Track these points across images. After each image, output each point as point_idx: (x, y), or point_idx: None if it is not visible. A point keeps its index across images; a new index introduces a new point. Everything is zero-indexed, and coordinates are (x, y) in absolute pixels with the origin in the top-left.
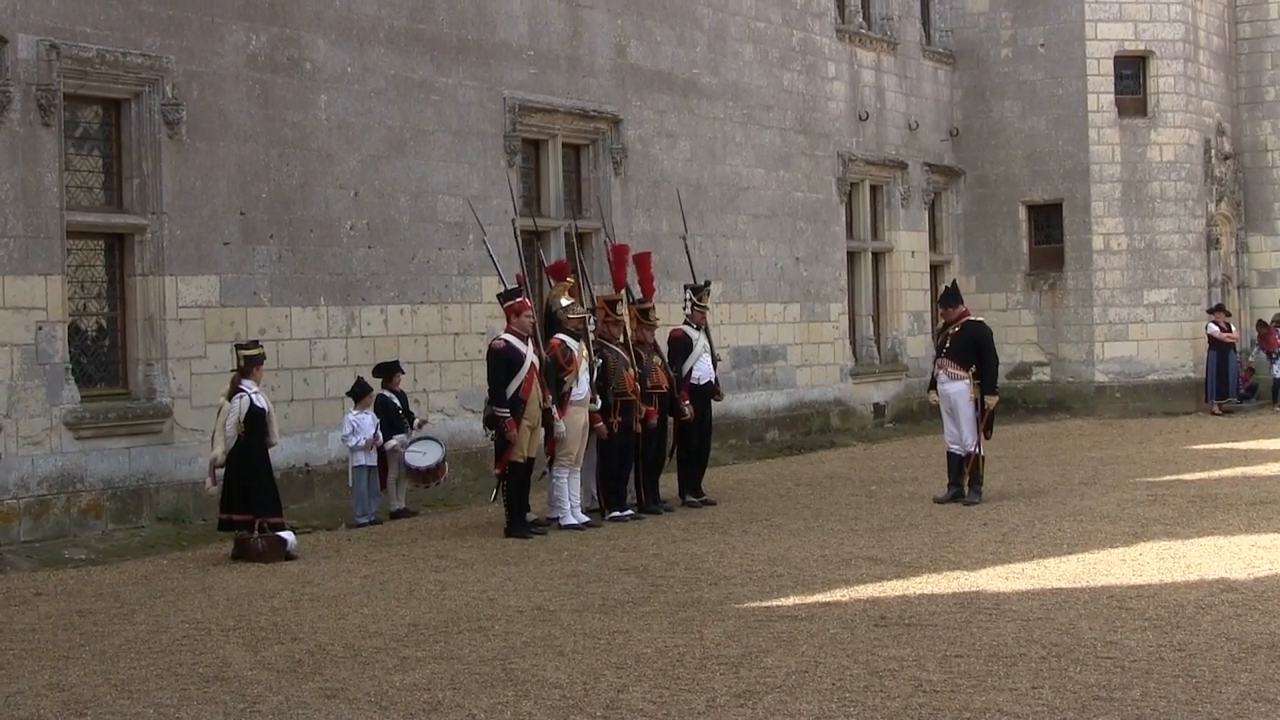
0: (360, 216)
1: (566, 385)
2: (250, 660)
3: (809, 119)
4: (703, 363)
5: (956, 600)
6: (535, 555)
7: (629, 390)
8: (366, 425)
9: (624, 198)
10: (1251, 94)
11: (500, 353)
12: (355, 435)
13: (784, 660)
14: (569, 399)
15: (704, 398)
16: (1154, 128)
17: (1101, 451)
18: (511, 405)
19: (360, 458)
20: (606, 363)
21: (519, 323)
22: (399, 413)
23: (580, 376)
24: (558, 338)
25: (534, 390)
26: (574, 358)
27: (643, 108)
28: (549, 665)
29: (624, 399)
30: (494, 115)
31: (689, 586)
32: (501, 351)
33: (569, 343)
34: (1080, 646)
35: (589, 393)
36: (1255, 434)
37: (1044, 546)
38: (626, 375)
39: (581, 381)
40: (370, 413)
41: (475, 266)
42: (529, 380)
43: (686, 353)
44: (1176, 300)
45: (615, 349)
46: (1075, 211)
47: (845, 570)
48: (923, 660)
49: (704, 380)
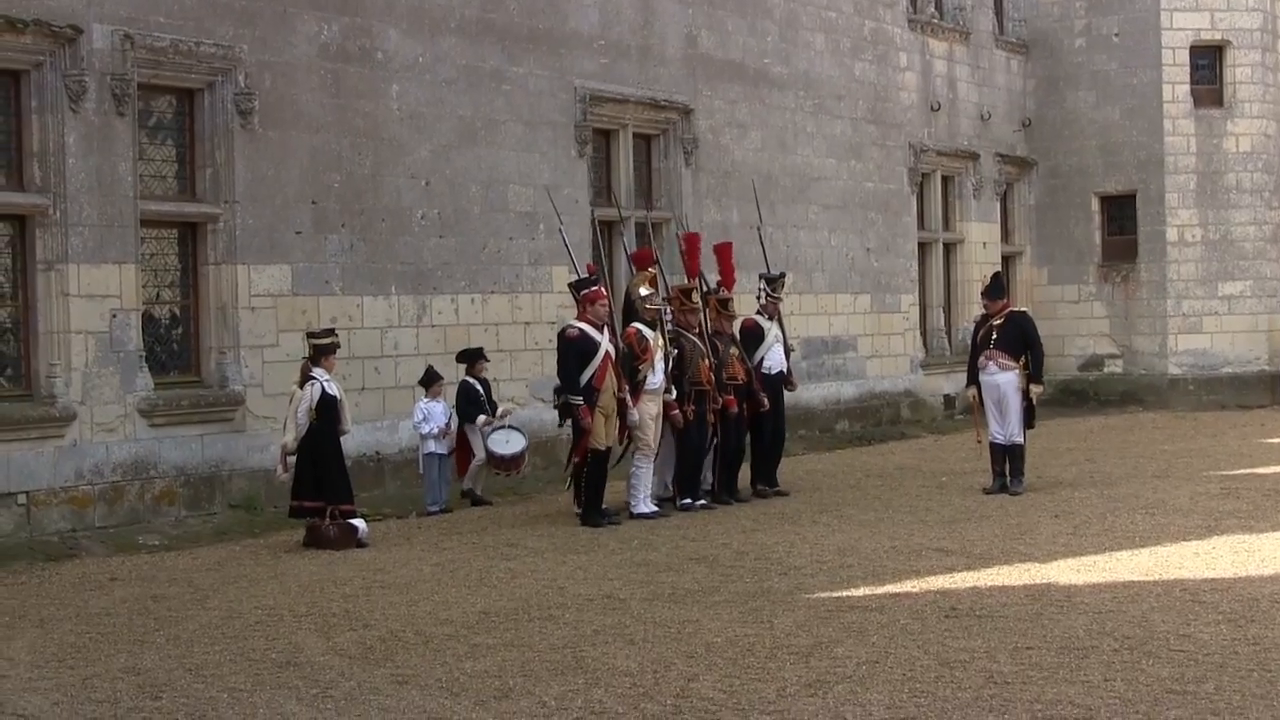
0: (431, 206)
1: (641, 374)
2: (322, 646)
3: (880, 109)
4: (774, 352)
5: (1028, 592)
6: (605, 544)
7: (704, 380)
8: (438, 413)
9: (694, 188)
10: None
11: (574, 341)
12: (427, 423)
13: (854, 650)
14: (643, 388)
15: (776, 388)
16: (1230, 118)
17: (1174, 444)
18: (585, 394)
19: (431, 445)
20: (683, 352)
21: (594, 311)
22: (480, 399)
23: (655, 365)
24: (634, 326)
25: (608, 379)
26: (649, 347)
27: (713, 98)
28: (619, 653)
29: (698, 388)
30: (565, 105)
31: (759, 576)
32: (575, 340)
33: (644, 332)
34: (1153, 639)
35: (663, 382)
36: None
37: (1116, 539)
38: (701, 365)
39: (656, 371)
40: (442, 401)
41: (546, 256)
42: (603, 369)
43: (758, 342)
44: (1251, 292)
45: (691, 338)
46: (1149, 203)
47: (916, 561)
48: (994, 652)
49: (776, 370)
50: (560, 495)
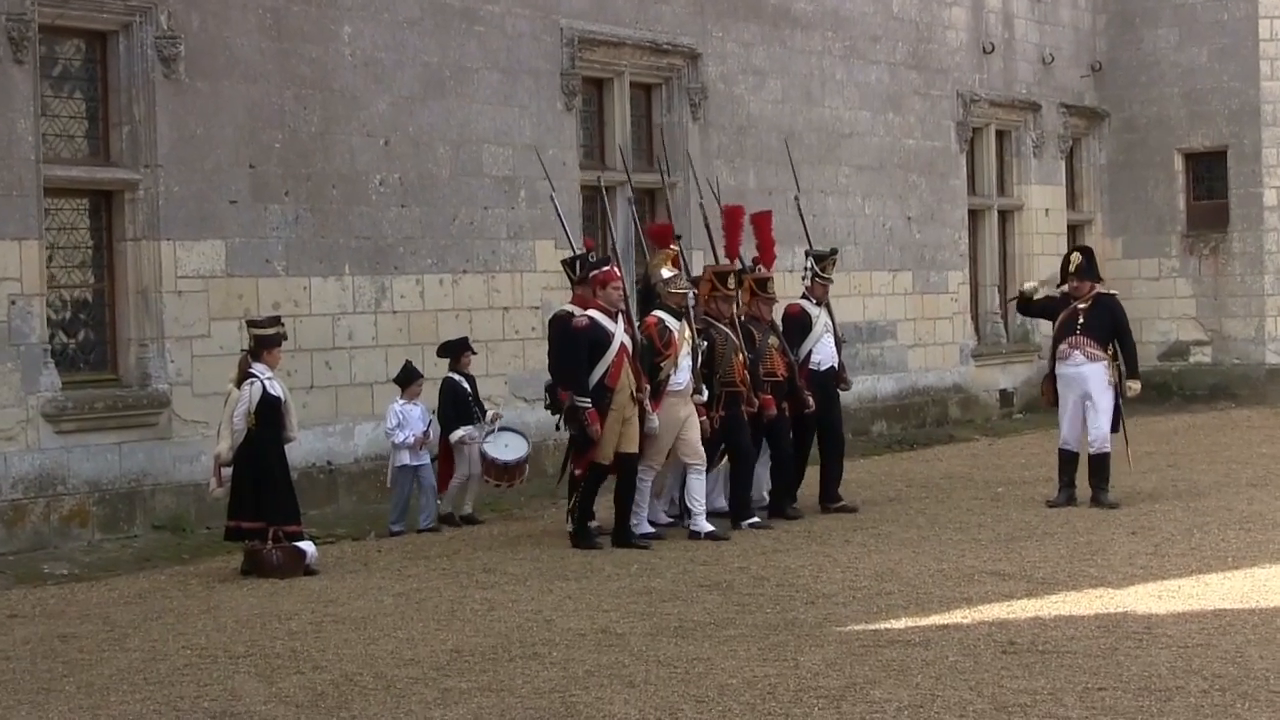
0: (391, 170)
1: (663, 372)
2: (264, 693)
3: (923, 52)
4: (824, 344)
5: (1099, 623)
6: (600, 569)
7: (737, 379)
8: (415, 418)
9: (703, 147)
10: None
11: (583, 331)
12: (402, 430)
13: (894, 693)
14: (665, 388)
15: (826, 386)
16: None
17: (1274, 447)
18: (596, 394)
19: (404, 456)
20: (713, 345)
21: (606, 296)
22: (468, 400)
23: (680, 362)
24: (655, 315)
25: (623, 377)
26: (673, 339)
27: (725, 40)
28: (617, 698)
29: (731, 389)
30: (549, 50)
31: (781, 606)
32: (584, 330)
33: (668, 321)
34: (1249, 679)
35: (690, 381)
36: None
37: (1204, 560)
38: (735, 361)
39: (681, 368)
40: (420, 404)
41: (528, 229)
42: (618, 365)
43: (805, 332)
44: None
45: (723, 329)
46: (1242, 161)
47: (967, 587)
48: (1059, 694)
49: (825, 365)
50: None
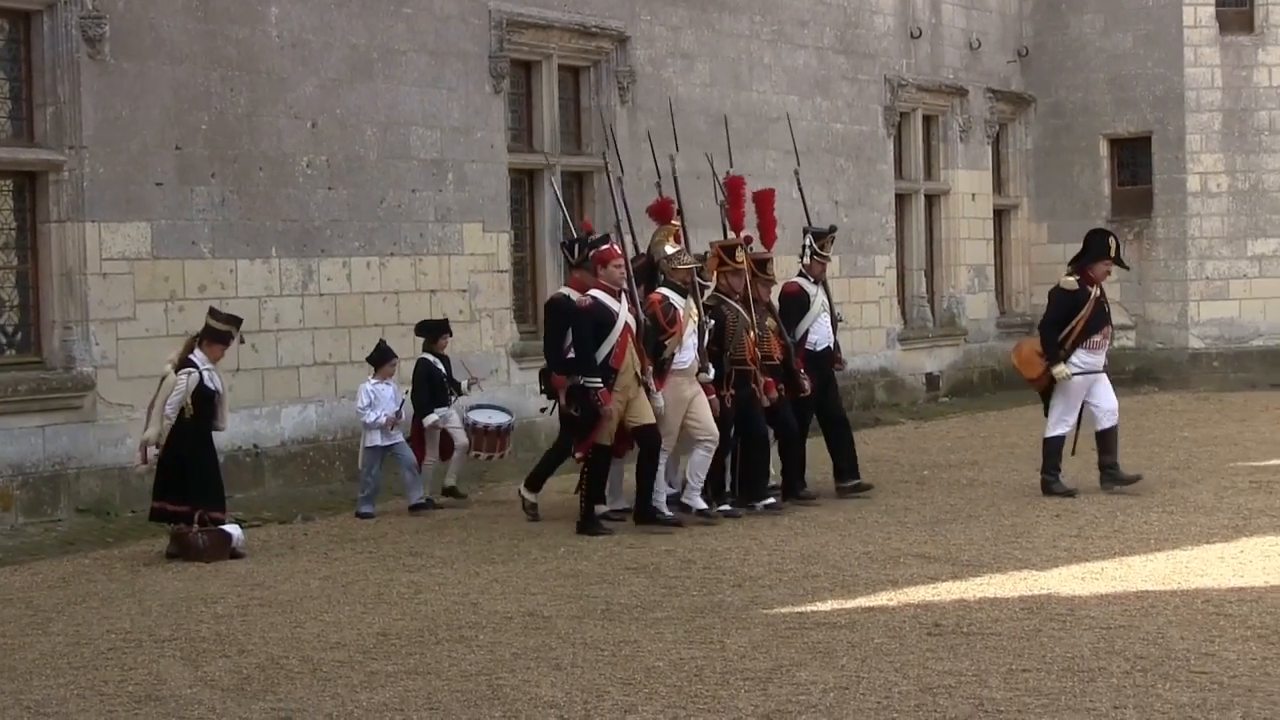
0: (319, 152)
1: (668, 350)
2: (189, 677)
3: (851, 37)
4: (821, 324)
5: (1024, 605)
6: (527, 552)
7: (748, 357)
8: (387, 398)
9: (631, 130)
10: None
11: (587, 311)
12: (373, 409)
13: (820, 675)
14: (670, 367)
15: (823, 367)
16: (1262, 46)
17: (1196, 431)
18: (600, 375)
19: (375, 437)
20: (724, 323)
21: (608, 274)
22: (443, 381)
23: (685, 340)
24: (659, 292)
25: (628, 356)
26: (678, 317)
27: (654, 23)
28: (543, 681)
29: (742, 368)
30: (478, 32)
31: (708, 589)
32: (589, 309)
33: (673, 299)
34: (1170, 659)
35: (695, 360)
36: None
37: (1127, 542)
38: (746, 339)
39: (687, 346)
40: (393, 384)
41: (455, 212)
42: (622, 344)
43: (802, 312)
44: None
45: (734, 305)
46: (1167, 146)
47: (893, 570)
48: (984, 675)
49: (822, 346)
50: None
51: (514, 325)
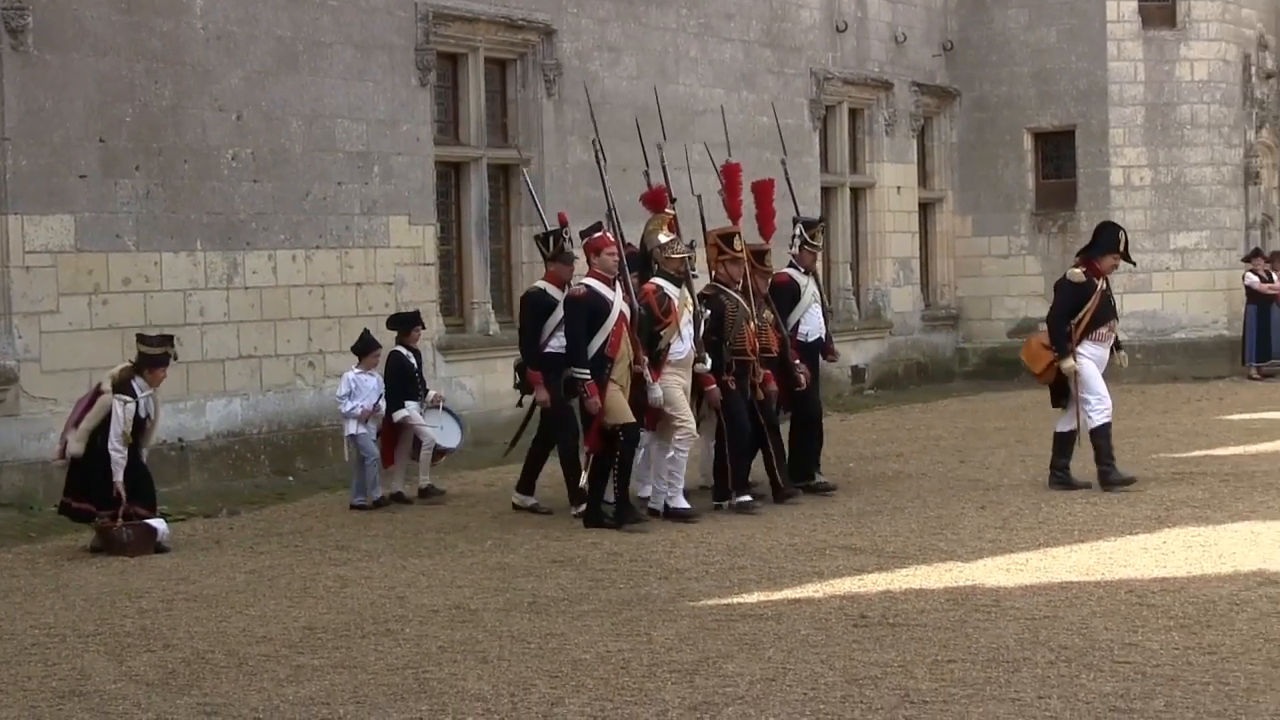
0: (244, 145)
1: (663, 341)
2: (114, 672)
3: (777, 30)
4: (813, 315)
5: (949, 596)
6: (453, 545)
7: (748, 348)
8: (370, 389)
9: (558, 123)
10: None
11: (581, 300)
12: (352, 399)
13: (746, 667)
14: (666, 358)
15: (814, 359)
16: (1184, 41)
17: (1119, 423)
18: (595, 365)
19: (352, 426)
20: (723, 313)
21: (601, 263)
22: (415, 375)
23: (682, 330)
24: (653, 282)
25: (623, 346)
26: (673, 307)
27: (580, 16)
28: (470, 674)
29: (741, 359)
30: (404, 24)
31: (635, 581)
32: (583, 299)
33: (667, 289)
34: (1094, 650)
35: (692, 350)
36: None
37: (1052, 533)
38: (746, 329)
39: (683, 337)
40: (375, 374)
41: (381, 204)
42: (617, 334)
43: (794, 302)
44: (1208, 244)
45: (734, 295)
46: (1090, 140)
47: (819, 562)
48: (910, 666)
49: (814, 337)
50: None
51: (440, 318)
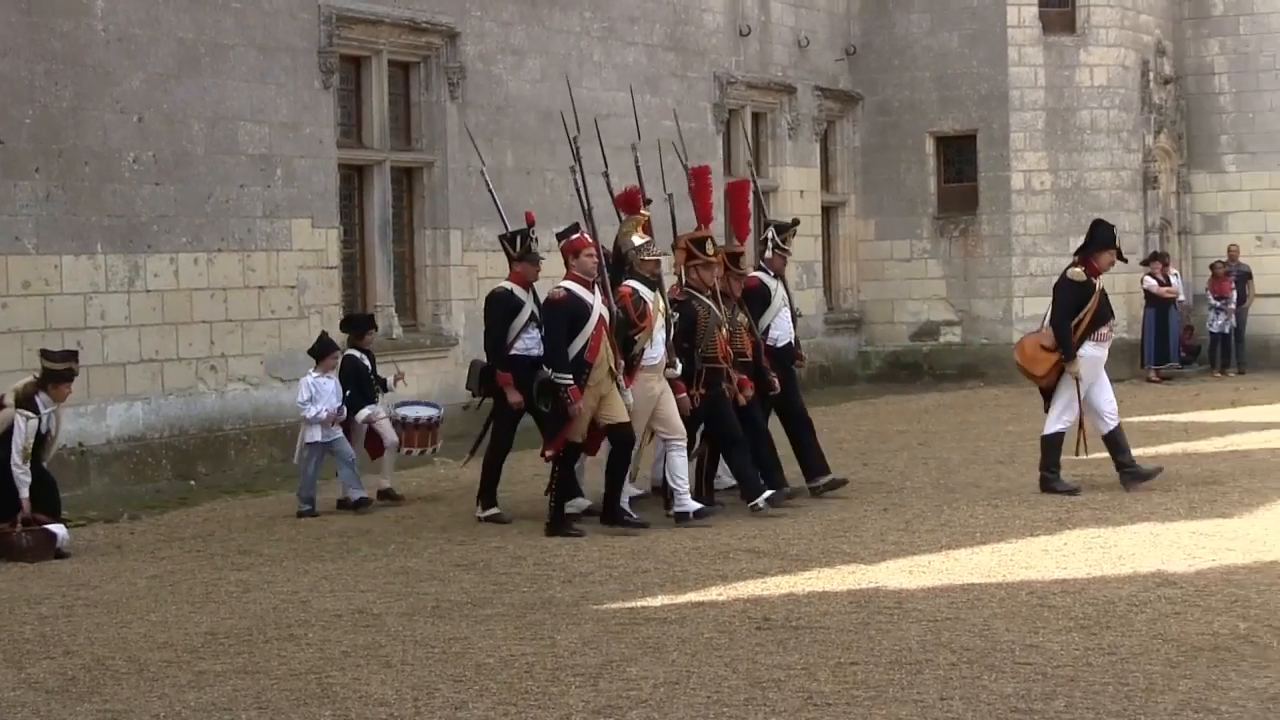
0: (145, 147)
1: (637, 345)
2: (13, 679)
3: (681, 34)
4: (782, 319)
5: (852, 599)
6: (356, 549)
7: (719, 355)
8: (329, 392)
9: (461, 125)
10: (1196, 8)
11: (561, 304)
12: (314, 404)
13: (650, 670)
14: (639, 363)
15: (785, 363)
16: (1084, 46)
17: (1021, 425)
18: (574, 370)
19: (315, 433)
20: (695, 318)
21: (580, 265)
22: (370, 377)
23: (655, 335)
24: (628, 285)
25: (603, 350)
26: (648, 311)
27: (484, 19)
28: (373, 679)
29: (714, 366)
30: (307, 27)
31: (538, 585)
32: (562, 303)
33: (642, 292)
34: (996, 651)
35: (665, 356)
36: (1197, 404)
37: (954, 535)
38: (718, 335)
39: (656, 341)
40: (334, 377)
41: (284, 207)
42: (597, 338)
43: (764, 306)
44: None
45: (705, 300)
46: (991, 144)
47: (722, 565)
48: (813, 669)
49: (784, 341)
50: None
51: None
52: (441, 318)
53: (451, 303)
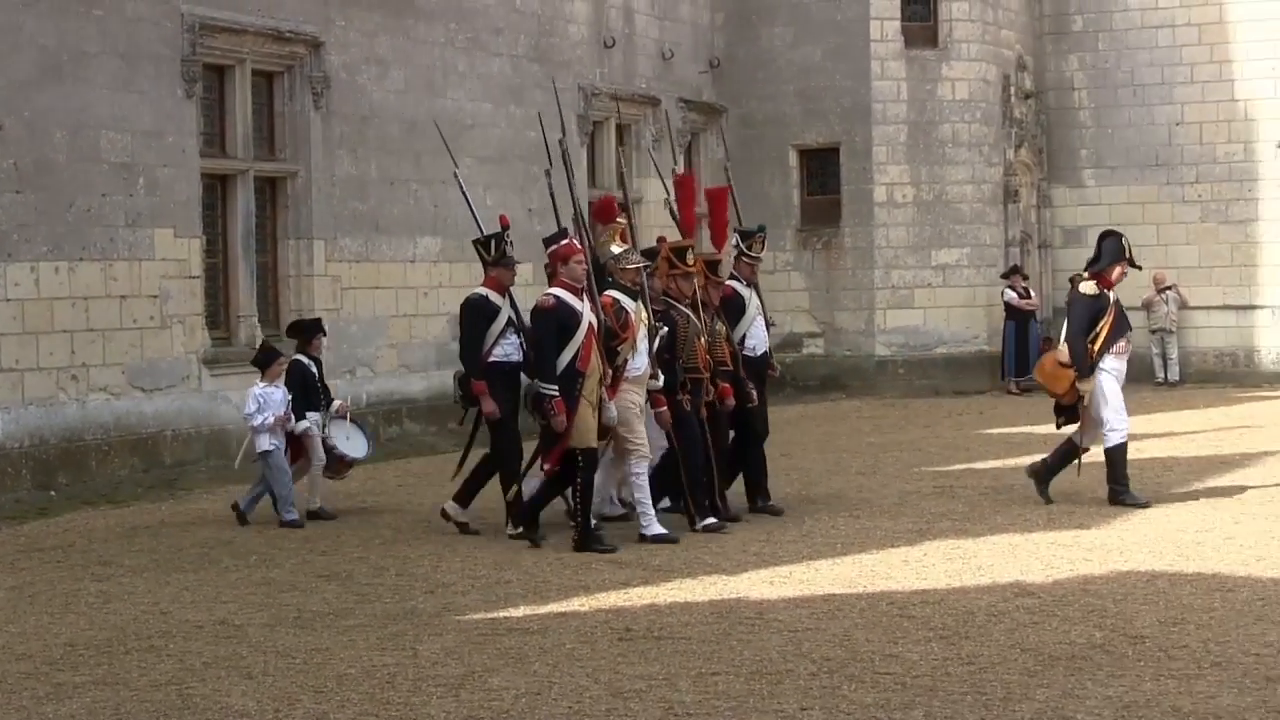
0: (6, 155)
1: (621, 356)
2: None
3: (545, 45)
4: (757, 328)
5: (714, 610)
6: (218, 560)
7: (700, 364)
8: (277, 401)
9: (325, 135)
10: (1056, 23)
11: (550, 312)
12: (262, 413)
13: (513, 680)
14: (623, 374)
15: (760, 373)
16: (946, 60)
17: (882, 436)
18: (565, 380)
19: (264, 441)
20: (675, 328)
21: (569, 272)
22: (317, 384)
23: (639, 345)
24: (609, 295)
25: (593, 360)
26: (630, 321)
27: (348, 29)
28: (234, 690)
29: (695, 376)
30: (170, 35)
31: (401, 596)
32: (551, 310)
33: (624, 301)
34: (856, 661)
35: (648, 367)
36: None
37: (815, 546)
38: (698, 345)
39: (640, 352)
40: (281, 386)
41: (146, 216)
42: (587, 346)
43: (739, 315)
44: (969, 261)
45: (684, 310)
46: (854, 157)
47: (585, 576)
48: (674, 679)
49: (760, 350)
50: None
51: (206, 331)
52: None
53: (315, 312)
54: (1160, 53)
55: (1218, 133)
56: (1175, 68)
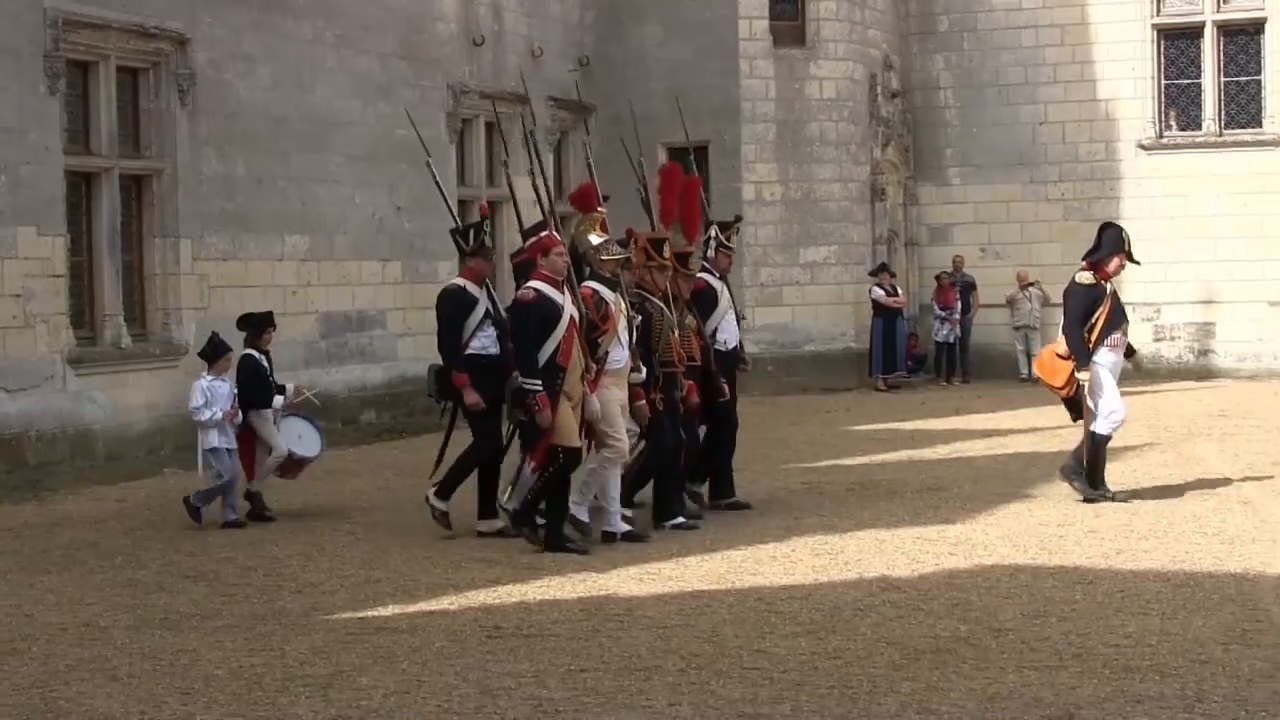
0: None
1: (602, 348)
2: None
3: (414, 43)
4: (729, 322)
5: (582, 606)
6: (83, 561)
7: (675, 358)
8: (223, 395)
9: (192, 133)
10: (923, 23)
11: (530, 305)
12: (209, 407)
13: (381, 680)
14: (604, 367)
15: (731, 369)
16: (813, 59)
17: (750, 434)
18: (546, 374)
19: (213, 438)
20: (649, 321)
21: (549, 264)
22: (268, 378)
23: (619, 337)
24: (588, 286)
25: (575, 354)
26: (610, 312)
27: (215, 25)
28: (99, 692)
29: (668, 370)
30: (31, 30)
31: (268, 596)
32: (532, 303)
33: (603, 292)
34: (724, 656)
35: (629, 360)
36: (923, 412)
37: (684, 544)
38: (672, 339)
39: (621, 344)
40: (228, 379)
41: (8, 215)
42: (569, 340)
43: (710, 308)
44: (837, 259)
45: (657, 302)
46: (723, 155)
47: (454, 574)
48: (543, 676)
49: (731, 345)
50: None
51: (70, 331)
52: (171, 327)
53: (182, 311)
54: (1024, 53)
55: (1080, 132)
56: (1039, 68)
